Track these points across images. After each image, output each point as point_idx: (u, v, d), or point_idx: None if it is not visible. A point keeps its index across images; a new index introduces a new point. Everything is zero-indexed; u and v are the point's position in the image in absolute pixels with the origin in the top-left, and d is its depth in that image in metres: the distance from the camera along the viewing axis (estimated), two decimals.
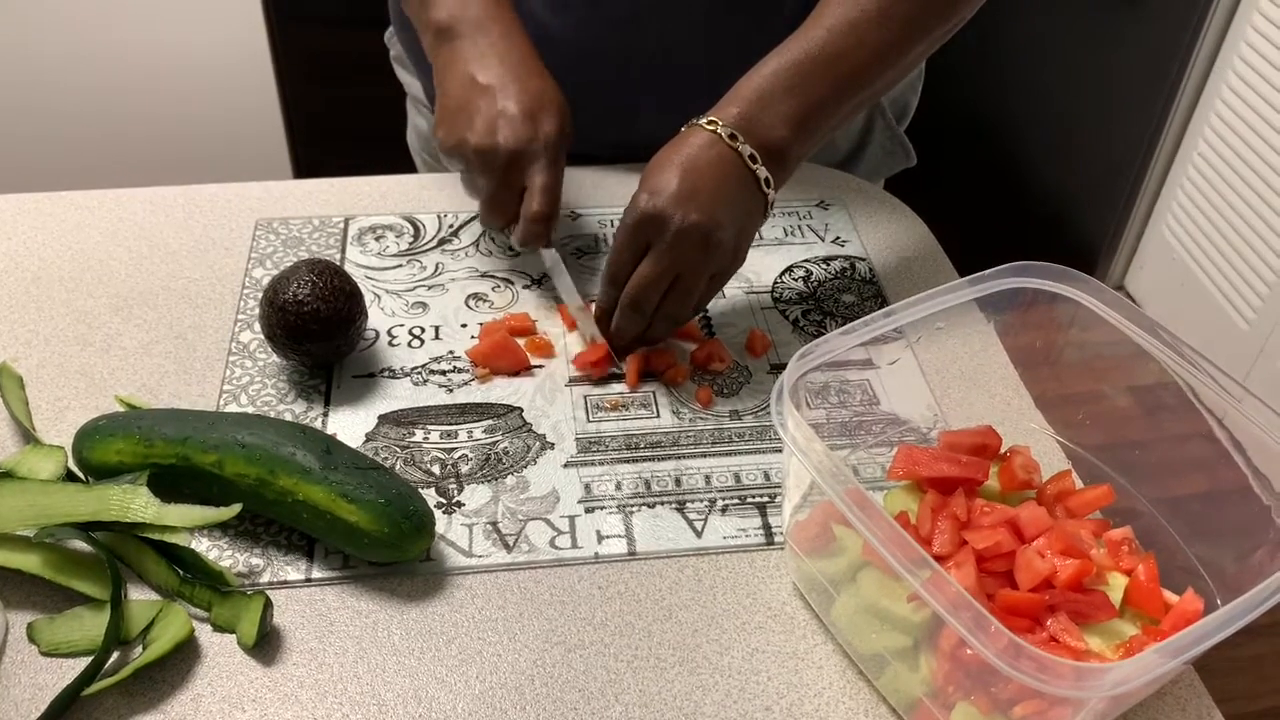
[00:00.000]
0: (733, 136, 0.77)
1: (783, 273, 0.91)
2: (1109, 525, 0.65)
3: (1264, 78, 1.86)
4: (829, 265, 0.92)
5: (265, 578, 0.66)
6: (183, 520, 0.64)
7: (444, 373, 0.80)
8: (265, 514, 0.68)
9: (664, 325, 0.80)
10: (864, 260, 0.93)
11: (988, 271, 0.68)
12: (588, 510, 0.70)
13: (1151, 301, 2.22)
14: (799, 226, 0.97)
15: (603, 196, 0.98)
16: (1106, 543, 0.63)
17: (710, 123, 0.77)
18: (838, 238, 0.95)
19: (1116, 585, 0.61)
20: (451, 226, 0.94)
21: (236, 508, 0.64)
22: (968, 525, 0.61)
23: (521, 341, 0.82)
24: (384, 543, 0.64)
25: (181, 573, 0.64)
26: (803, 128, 0.79)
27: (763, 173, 0.77)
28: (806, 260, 0.93)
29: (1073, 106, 2.26)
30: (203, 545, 0.67)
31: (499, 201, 0.83)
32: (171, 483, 0.67)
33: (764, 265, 0.92)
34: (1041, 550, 0.60)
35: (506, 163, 0.81)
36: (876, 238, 0.96)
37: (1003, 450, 0.69)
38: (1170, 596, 0.61)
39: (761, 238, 0.95)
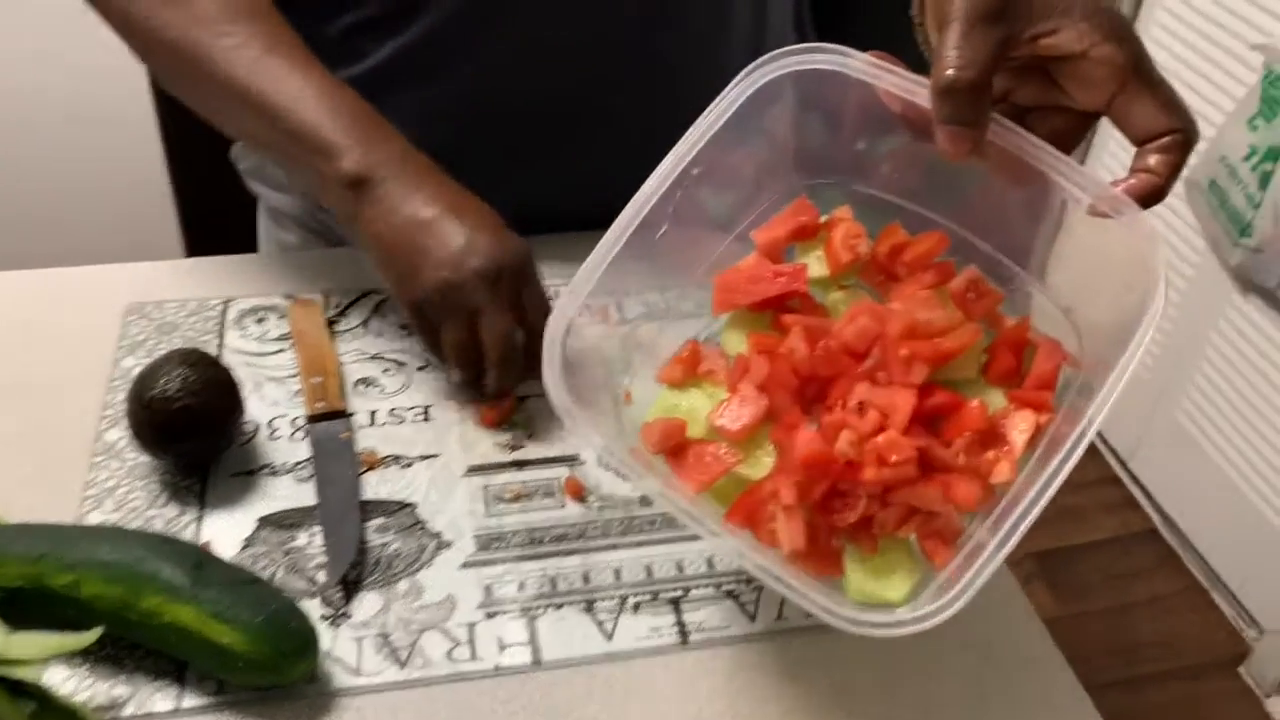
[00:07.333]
0: None
1: None
2: (952, 271, 0.60)
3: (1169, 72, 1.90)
4: None
5: (129, 710, 0.59)
6: (33, 651, 0.57)
7: None
8: (130, 637, 0.61)
9: None
10: None
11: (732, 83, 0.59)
12: (488, 615, 0.65)
13: None
14: None
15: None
16: (951, 294, 0.58)
17: None
18: None
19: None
20: (339, 305, 0.88)
21: (96, 632, 0.58)
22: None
23: None
24: (262, 666, 0.58)
25: (32, 710, 0.57)
26: None
27: None
28: None
29: None
30: (60, 674, 0.60)
31: (503, 328, 0.73)
32: (20, 607, 0.60)
33: None
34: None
35: (495, 281, 0.73)
36: None
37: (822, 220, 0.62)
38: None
39: None
